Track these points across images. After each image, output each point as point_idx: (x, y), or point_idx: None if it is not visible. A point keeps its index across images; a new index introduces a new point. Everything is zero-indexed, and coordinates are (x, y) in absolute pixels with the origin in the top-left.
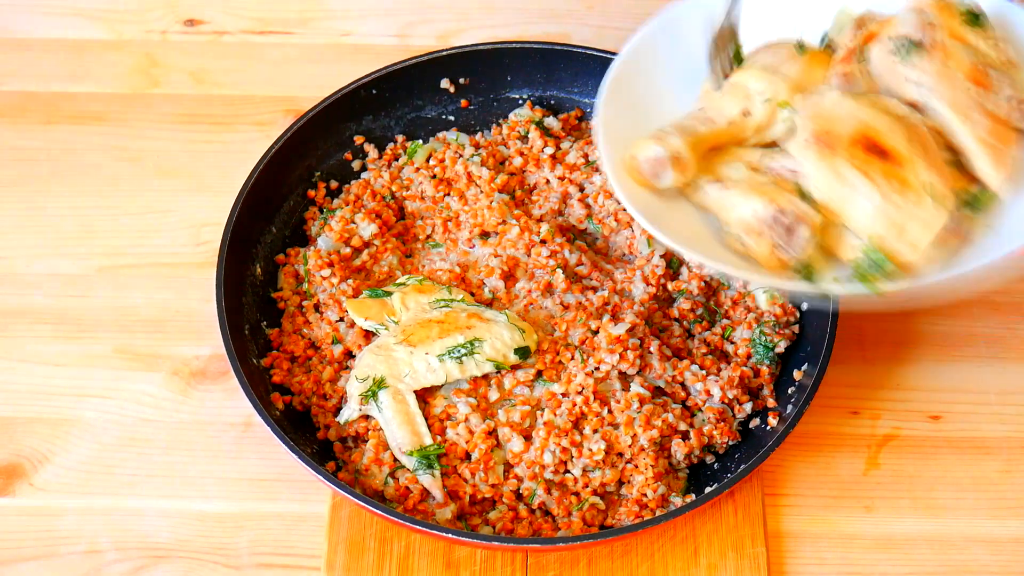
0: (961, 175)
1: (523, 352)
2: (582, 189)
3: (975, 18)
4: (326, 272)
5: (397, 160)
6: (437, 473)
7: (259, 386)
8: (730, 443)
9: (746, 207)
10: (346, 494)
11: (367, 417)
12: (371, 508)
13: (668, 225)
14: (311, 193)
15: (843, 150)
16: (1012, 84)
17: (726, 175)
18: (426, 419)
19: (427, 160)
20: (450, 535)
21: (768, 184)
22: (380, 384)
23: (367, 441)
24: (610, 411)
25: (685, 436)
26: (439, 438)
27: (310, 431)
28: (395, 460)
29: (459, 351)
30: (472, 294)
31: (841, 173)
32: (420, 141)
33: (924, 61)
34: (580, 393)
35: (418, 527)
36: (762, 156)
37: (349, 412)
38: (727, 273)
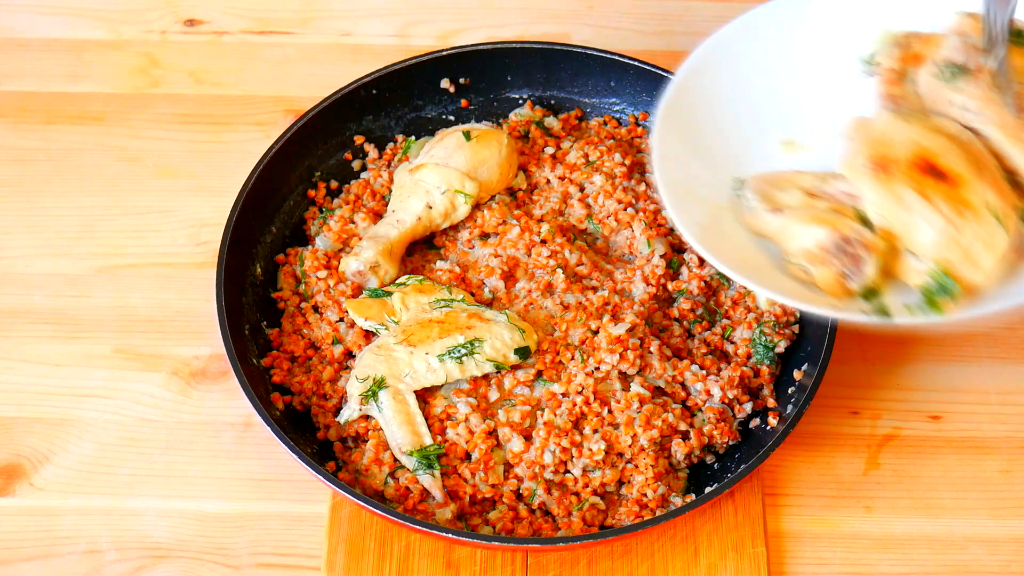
0: (1018, 193)
1: (523, 352)
2: (582, 189)
3: (1019, 36)
4: (322, 273)
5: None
6: (437, 473)
7: (259, 386)
8: (730, 443)
9: (808, 236)
10: (346, 494)
11: (367, 417)
12: (371, 508)
13: (726, 254)
14: (311, 193)
15: (901, 174)
16: None
17: (782, 201)
18: (426, 419)
19: None
20: (450, 535)
21: (827, 211)
22: (380, 384)
23: (367, 441)
24: (610, 411)
25: (685, 436)
26: (439, 438)
27: (310, 431)
28: (395, 460)
29: (459, 351)
30: (472, 294)
31: (901, 197)
32: (413, 138)
33: (970, 85)
34: (580, 393)
35: (418, 527)
36: (817, 181)
37: (349, 412)
38: (788, 304)
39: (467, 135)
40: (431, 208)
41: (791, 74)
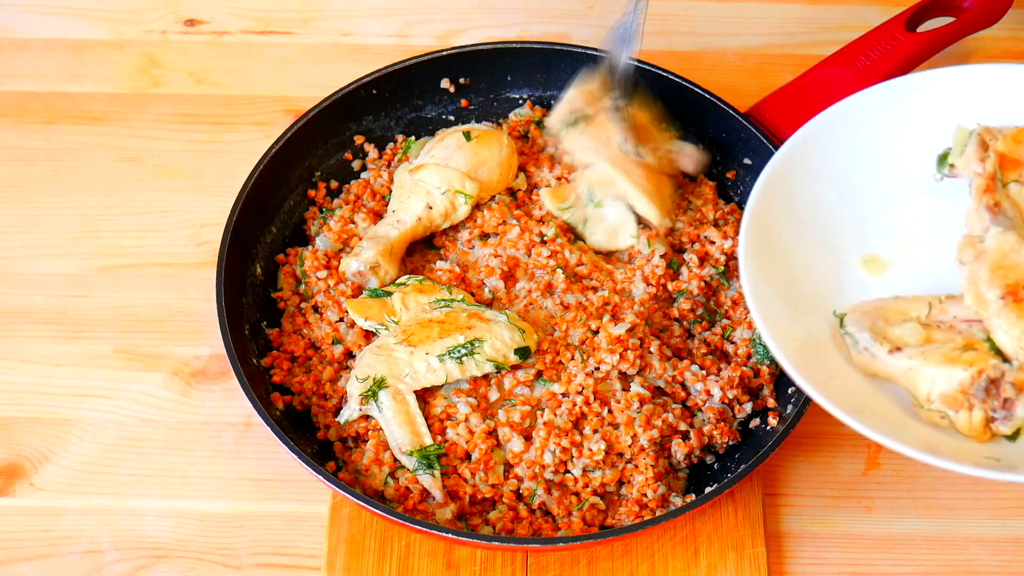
0: None
1: (523, 352)
2: None
3: None
4: (322, 274)
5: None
6: (437, 473)
7: (259, 386)
8: (730, 443)
9: (948, 380)
10: (346, 494)
11: (367, 417)
12: (371, 508)
13: (844, 399)
14: (311, 193)
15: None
16: None
17: (899, 338)
18: (426, 419)
19: None
20: (450, 535)
21: (959, 348)
22: (380, 384)
23: (367, 441)
24: (610, 411)
25: (685, 436)
26: (439, 438)
27: (310, 431)
28: (395, 460)
29: (459, 351)
30: (472, 294)
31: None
32: (413, 138)
33: None
34: (580, 393)
35: (418, 527)
36: (927, 308)
37: (349, 412)
38: (931, 463)
39: (467, 135)
40: (431, 208)
41: (859, 184)
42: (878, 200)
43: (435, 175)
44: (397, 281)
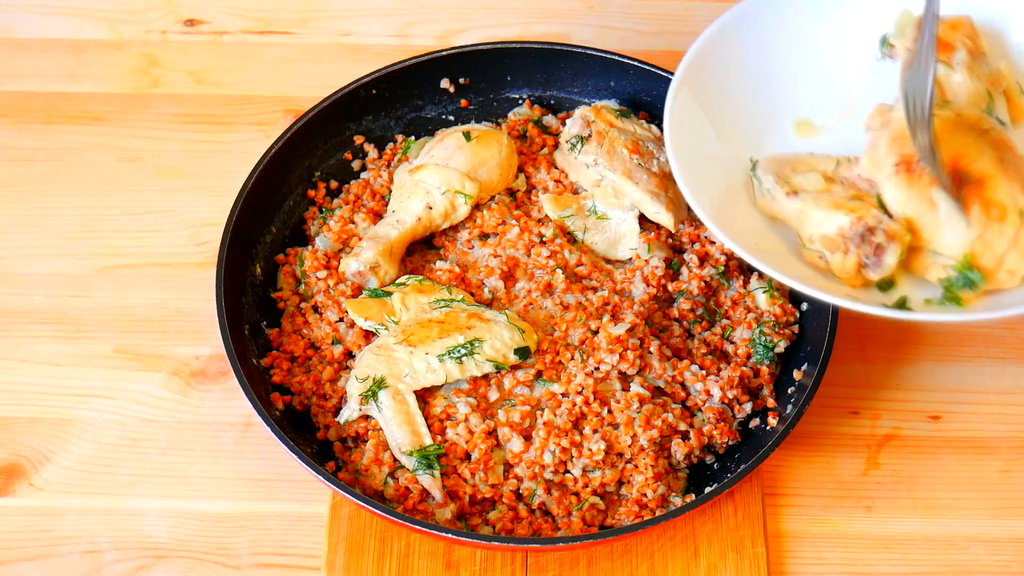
0: None
1: (523, 352)
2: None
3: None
4: (322, 274)
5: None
6: (437, 473)
7: (259, 386)
8: (730, 443)
9: (829, 222)
10: (346, 494)
11: (367, 417)
12: (371, 508)
13: (740, 235)
14: (311, 193)
15: (927, 175)
16: None
17: (800, 185)
18: (426, 419)
19: None
20: (450, 535)
21: (848, 197)
22: (380, 384)
23: (367, 441)
24: (610, 411)
25: (685, 436)
26: (439, 438)
27: (310, 431)
28: (395, 460)
29: (459, 351)
30: (472, 294)
31: (929, 199)
32: (413, 138)
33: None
34: (580, 393)
35: (418, 527)
36: (835, 165)
37: (349, 412)
38: (801, 291)
39: (467, 135)
40: (431, 209)
41: (810, 51)
42: (826, 71)
43: (435, 175)
44: (397, 281)
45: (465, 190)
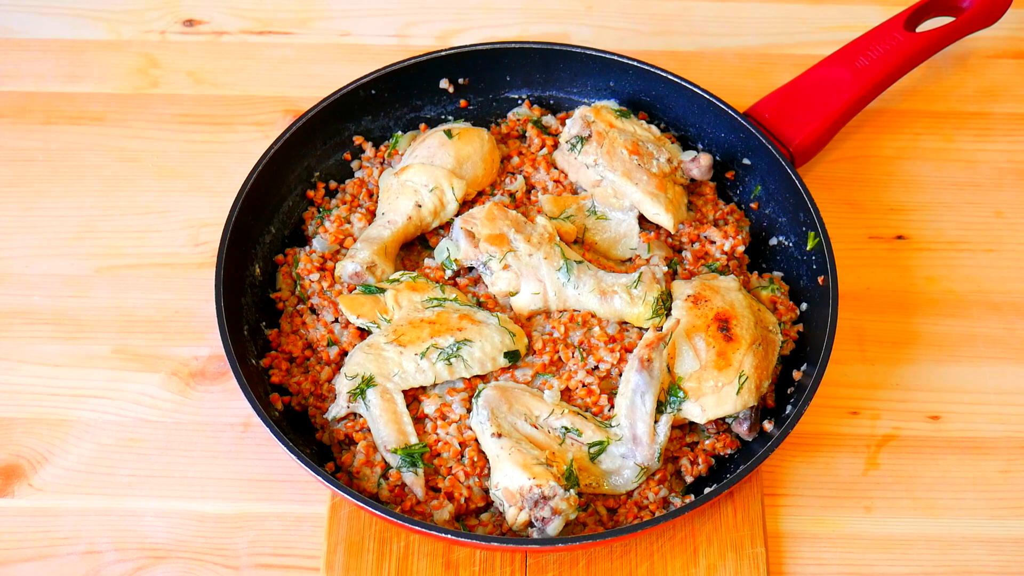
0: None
1: (512, 356)
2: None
3: None
4: (315, 276)
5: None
6: (420, 471)
7: (258, 386)
8: (731, 451)
9: (514, 480)
10: (345, 495)
11: (355, 416)
12: (370, 509)
13: None
14: (310, 193)
15: (706, 322)
16: None
17: (505, 429)
18: (420, 418)
19: None
20: (448, 535)
21: (540, 457)
22: (368, 382)
23: (357, 443)
24: (611, 408)
25: (693, 462)
26: (433, 437)
27: (309, 431)
28: (386, 462)
29: (447, 353)
30: (466, 293)
31: (694, 345)
32: (400, 132)
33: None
34: (579, 392)
35: (417, 528)
36: (547, 411)
37: (337, 409)
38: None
39: (448, 133)
40: (420, 207)
41: None
42: None
43: (421, 174)
44: (391, 277)
45: (453, 187)
